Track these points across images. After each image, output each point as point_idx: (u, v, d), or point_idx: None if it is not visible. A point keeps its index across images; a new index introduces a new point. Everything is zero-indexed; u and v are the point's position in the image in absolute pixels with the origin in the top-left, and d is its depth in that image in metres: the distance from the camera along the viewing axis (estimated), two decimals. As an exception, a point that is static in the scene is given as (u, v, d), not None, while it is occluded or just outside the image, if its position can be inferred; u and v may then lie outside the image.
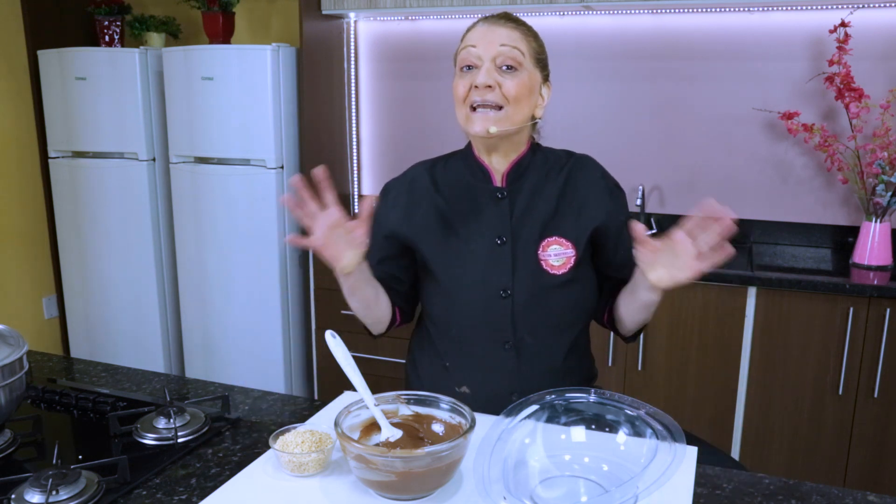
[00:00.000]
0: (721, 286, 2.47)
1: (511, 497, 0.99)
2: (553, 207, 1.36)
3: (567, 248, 1.34)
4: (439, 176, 1.43)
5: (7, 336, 1.28)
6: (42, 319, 3.56)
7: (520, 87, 1.29)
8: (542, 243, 1.35)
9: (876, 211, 2.55)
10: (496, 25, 1.31)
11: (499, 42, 1.29)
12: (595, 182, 1.39)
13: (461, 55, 1.33)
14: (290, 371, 3.18)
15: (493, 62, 1.29)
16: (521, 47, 1.30)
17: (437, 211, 1.39)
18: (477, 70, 1.30)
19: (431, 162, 1.47)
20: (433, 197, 1.40)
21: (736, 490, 1.09)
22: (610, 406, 1.14)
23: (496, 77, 1.28)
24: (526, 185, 1.38)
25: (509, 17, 1.34)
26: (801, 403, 2.46)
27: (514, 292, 1.34)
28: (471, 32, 1.34)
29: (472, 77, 1.30)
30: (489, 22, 1.32)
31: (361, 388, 1.17)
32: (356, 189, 3.48)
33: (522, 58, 1.30)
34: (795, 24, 2.75)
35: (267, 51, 2.88)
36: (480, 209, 1.38)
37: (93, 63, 3.14)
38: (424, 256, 1.39)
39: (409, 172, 1.46)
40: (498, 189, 1.38)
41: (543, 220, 1.35)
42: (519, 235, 1.35)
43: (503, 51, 1.28)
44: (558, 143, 1.49)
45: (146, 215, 3.22)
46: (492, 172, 1.38)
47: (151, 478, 1.13)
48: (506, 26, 1.31)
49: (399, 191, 1.43)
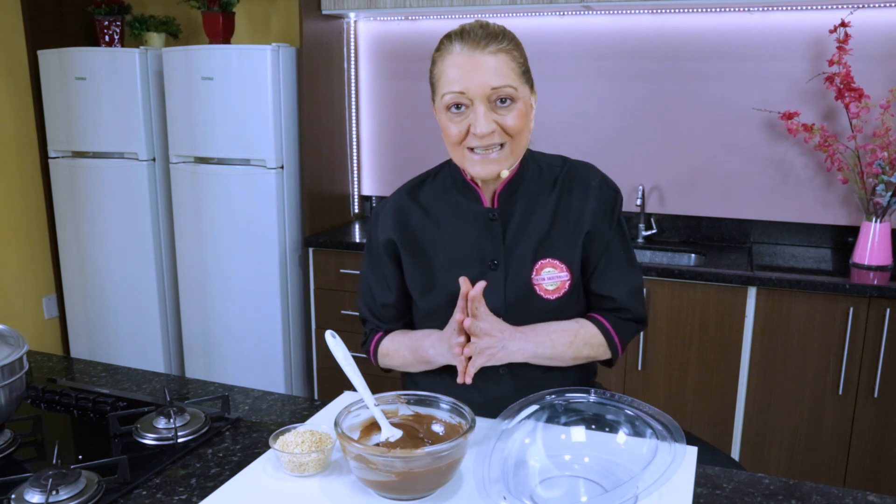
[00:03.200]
0: (721, 286, 2.47)
1: (511, 497, 0.99)
2: (547, 225, 1.31)
3: (561, 271, 1.30)
4: (425, 199, 1.37)
5: (7, 336, 1.29)
6: (42, 319, 3.56)
7: (519, 118, 1.22)
8: (536, 266, 1.30)
9: (876, 211, 2.55)
10: (477, 51, 1.19)
11: (490, 83, 1.18)
12: (591, 190, 1.33)
13: (446, 98, 1.21)
14: (290, 371, 3.18)
15: (486, 101, 1.19)
16: (511, 80, 1.20)
17: (427, 234, 1.35)
18: (469, 109, 1.20)
19: (413, 185, 1.40)
20: (423, 221, 1.36)
21: (736, 490, 1.09)
22: (610, 406, 1.14)
23: (494, 117, 1.20)
24: (518, 205, 1.32)
25: (488, 32, 1.21)
26: (801, 403, 2.46)
27: (505, 317, 1.28)
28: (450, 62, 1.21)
29: (466, 119, 1.21)
30: (468, 45, 1.19)
31: (361, 388, 1.16)
32: (356, 189, 3.48)
33: (516, 91, 1.21)
34: (795, 24, 2.75)
35: (267, 51, 2.88)
36: (472, 231, 1.32)
37: (93, 63, 3.14)
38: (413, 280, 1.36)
39: (392, 200, 1.40)
40: (489, 210, 1.32)
41: (537, 240, 1.30)
42: (511, 259, 1.30)
43: (496, 91, 1.19)
44: (558, 144, 1.48)
45: (146, 215, 3.22)
46: (482, 194, 1.33)
47: (151, 478, 1.13)
48: (488, 50, 1.19)
49: (387, 212, 1.39)
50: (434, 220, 1.36)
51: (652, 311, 2.57)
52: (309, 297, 3.09)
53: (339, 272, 2.99)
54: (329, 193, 3.24)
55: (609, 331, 1.34)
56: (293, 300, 3.14)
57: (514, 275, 1.30)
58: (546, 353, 1.29)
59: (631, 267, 1.37)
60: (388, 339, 1.43)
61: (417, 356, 1.35)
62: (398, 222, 1.37)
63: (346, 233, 3.15)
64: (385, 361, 1.44)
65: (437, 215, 1.36)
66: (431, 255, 1.35)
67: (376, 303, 1.43)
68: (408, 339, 1.39)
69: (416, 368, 1.39)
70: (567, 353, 1.30)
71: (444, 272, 1.33)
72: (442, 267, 1.34)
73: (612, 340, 1.34)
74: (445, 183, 1.38)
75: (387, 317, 1.44)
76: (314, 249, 3.04)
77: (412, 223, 1.37)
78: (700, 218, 3.01)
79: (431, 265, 1.34)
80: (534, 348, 1.28)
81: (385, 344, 1.43)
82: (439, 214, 1.36)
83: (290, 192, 3.05)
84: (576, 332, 1.31)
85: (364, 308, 1.46)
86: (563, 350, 1.29)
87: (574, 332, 1.31)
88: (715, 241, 2.99)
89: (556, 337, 1.29)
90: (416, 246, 1.36)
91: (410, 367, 1.40)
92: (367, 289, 1.44)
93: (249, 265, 3.07)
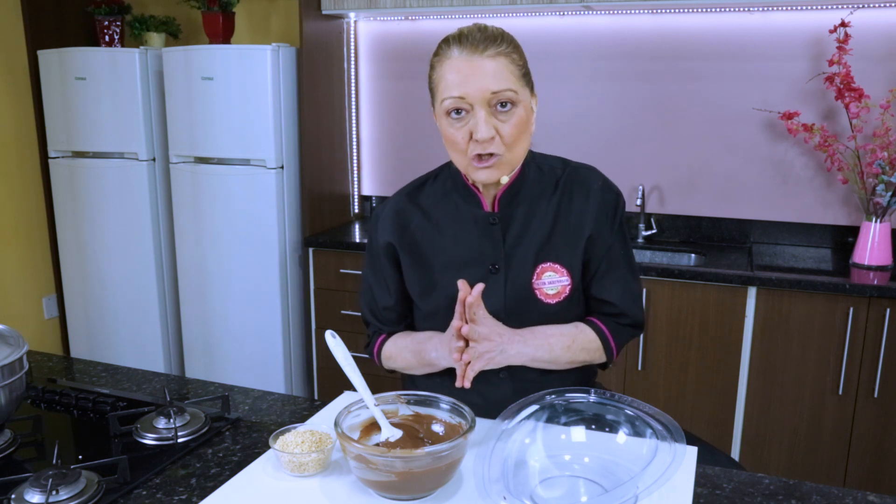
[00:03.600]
0: (721, 286, 2.47)
1: (511, 497, 0.99)
2: (548, 229, 1.31)
3: (562, 275, 1.30)
4: (425, 201, 1.37)
5: (7, 336, 1.29)
6: (42, 319, 3.56)
7: (518, 126, 1.22)
8: (537, 270, 1.30)
9: (876, 211, 2.55)
10: (476, 55, 1.18)
11: (490, 87, 1.18)
12: (592, 193, 1.33)
13: (446, 103, 1.21)
14: (290, 371, 3.18)
15: (486, 105, 1.19)
16: (511, 84, 1.19)
17: (427, 237, 1.35)
18: (469, 114, 1.20)
19: (412, 188, 1.40)
20: (423, 224, 1.36)
21: (736, 490, 1.09)
22: (610, 406, 1.14)
23: (494, 123, 1.20)
24: (519, 209, 1.32)
25: (486, 35, 1.20)
26: (801, 403, 2.46)
27: (506, 321, 1.28)
28: (448, 67, 1.20)
29: (467, 124, 1.20)
30: (466, 49, 1.19)
31: (361, 388, 1.16)
32: (356, 189, 3.48)
33: (516, 95, 1.20)
34: (795, 24, 2.75)
35: (267, 51, 2.88)
36: (472, 234, 1.32)
37: (93, 63, 3.14)
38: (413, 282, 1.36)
39: (392, 202, 1.40)
40: (490, 214, 1.32)
41: (538, 244, 1.31)
42: (512, 262, 1.30)
43: (496, 95, 1.19)
44: (558, 144, 1.48)
45: (146, 215, 3.22)
46: (482, 198, 1.33)
47: (151, 478, 1.13)
48: (486, 54, 1.18)
49: (387, 214, 1.39)
50: (434, 224, 1.36)
51: (652, 311, 2.57)
52: (309, 297, 3.09)
53: (339, 272, 2.99)
54: (329, 193, 3.24)
55: (606, 336, 1.34)
56: (293, 300, 3.14)
57: (514, 279, 1.30)
58: (544, 356, 1.29)
59: (631, 272, 1.37)
60: (390, 342, 1.43)
61: (420, 359, 1.35)
62: (398, 224, 1.37)
63: (346, 233, 3.15)
64: (389, 364, 1.45)
65: (437, 218, 1.36)
66: (431, 258, 1.35)
67: (377, 305, 1.43)
68: (410, 341, 1.39)
69: (419, 371, 1.39)
70: (564, 357, 1.31)
71: (443, 274, 1.33)
72: (441, 269, 1.33)
73: (608, 345, 1.35)
74: (446, 186, 1.38)
75: (388, 319, 1.44)
76: (314, 249, 3.04)
77: (412, 226, 1.37)
78: (700, 218, 3.01)
79: (431, 267, 1.34)
80: (532, 352, 1.28)
81: (388, 347, 1.43)
82: (439, 217, 1.36)
83: (290, 192, 3.05)
84: (574, 336, 1.32)
85: (366, 309, 1.47)
86: (560, 354, 1.30)
87: (572, 337, 1.31)
88: (715, 241, 2.99)
89: (554, 341, 1.30)
90: (416, 248, 1.36)
91: (414, 369, 1.40)
92: (368, 290, 1.45)
93: (249, 265, 3.07)
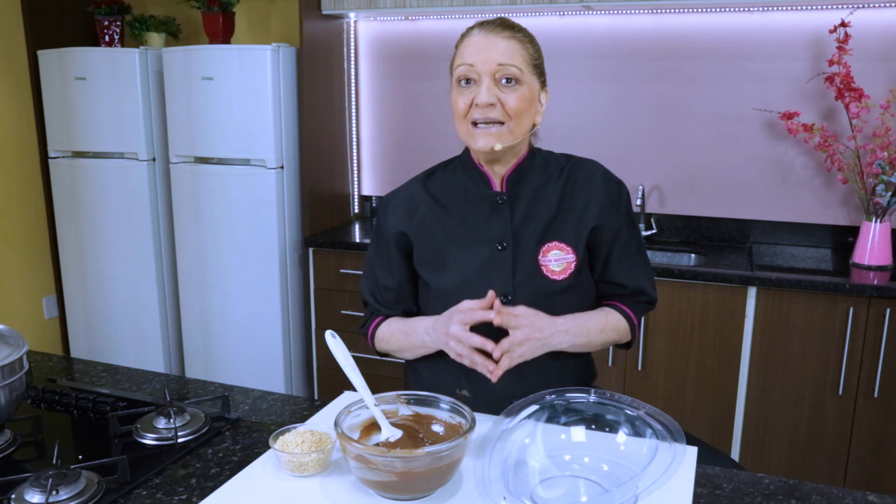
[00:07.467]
0: (721, 286, 2.47)
1: (511, 497, 0.99)
2: (554, 211, 1.36)
3: (567, 253, 1.35)
4: (435, 187, 1.43)
5: (7, 336, 1.28)
6: (42, 319, 3.56)
7: (521, 101, 1.29)
8: (542, 248, 1.34)
9: (876, 211, 2.55)
10: (492, 34, 1.29)
11: (497, 60, 1.27)
12: (595, 182, 1.39)
13: (458, 70, 1.31)
14: (290, 371, 3.18)
15: (492, 77, 1.28)
16: (518, 63, 1.28)
17: (437, 219, 1.40)
18: (476, 84, 1.29)
19: (424, 175, 1.47)
20: (433, 208, 1.41)
21: (736, 490, 1.09)
22: (610, 406, 1.14)
23: (497, 93, 1.28)
24: (526, 189, 1.38)
25: (505, 23, 1.32)
26: (801, 403, 2.46)
27: (514, 298, 1.33)
28: (466, 42, 1.31)
29: (472, 92, 1.29)
30: (485, 30, 1.30)
31: (361, 388, 1.17)
32: (356, 189, 3.48)
33: (521, 73, 1.28)
34: (795, 24, 2.75)
35: (267, 51, 2.88)
36: (480, 215, 1.38)
37: (93, 63, 3.14)
38: (424, 261, 1.40)
39: (404, 189, 1.46)
40: (498, 194, 1.38)
41: (544, 225, 1.35)
42: (519, 240, 1.35)
43: (502, 67, 1.27)
44: (559, 144, 1.49)
45: (146, 215, 3.22)
46: (491, 178, 1.38)
47: (151, 478, 1.13)
48: (502, 35, 1.29)
49: (398, 200, 1.45)
50: (443, 206, 1.41)
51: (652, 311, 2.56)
52: (309, 297, 3.09)
53: (339, 272, 2.99)
54: (329, 193, 3.24)
55: (629, 315, 1.43)
56: (293, 300, 3.14)
57: (521, 256, 1.35)
58: (581, 341, 1.35)
59: (642, 254, 1.45)
60: (385, 324, 1.47)
61: (410, 340, 1.40)
62: (408, 208, 1.42)
63: (346, 233, 3.15)
64: (381, 345, 1.49)
65: (447, 201, 1.41)
66: (441, 237, 1.39)
67: (378, 285, 1.47)
68: (402, 324, 1.44)
69: (410, 354, 1.43)
70: (598, 338, 1.37)
71: (454, 253, 1.37)
72: (452, 247, 1.38)
73: (631, 323, 1.43)
74: (456, 171, 1.44)
75: (387, 300, 1.47)
76: (314, 249, 3.04)
77: (421, 209, 1.42)
78: (700, 218, 3.01)
79: (442, 246, 1.38)
80: (572, 339, 1.33)
81: (382, 328, 1.47)
82: (448, 200, 1.41)
83: (290, 192, 3.05)
84: (606, 319, 1.39)
85: (366, 290, 1.50)
86: (596, 336, 1.37)
87: (605, 320, 1.39)
88: (715, 241, 2.99)
89: (591, 325, 1.36)
90: (426, 229, 1.40)
91: (405, 351, 1.44)
92: (370, 271, 1.49)
93: (249, 265, 3.07)
